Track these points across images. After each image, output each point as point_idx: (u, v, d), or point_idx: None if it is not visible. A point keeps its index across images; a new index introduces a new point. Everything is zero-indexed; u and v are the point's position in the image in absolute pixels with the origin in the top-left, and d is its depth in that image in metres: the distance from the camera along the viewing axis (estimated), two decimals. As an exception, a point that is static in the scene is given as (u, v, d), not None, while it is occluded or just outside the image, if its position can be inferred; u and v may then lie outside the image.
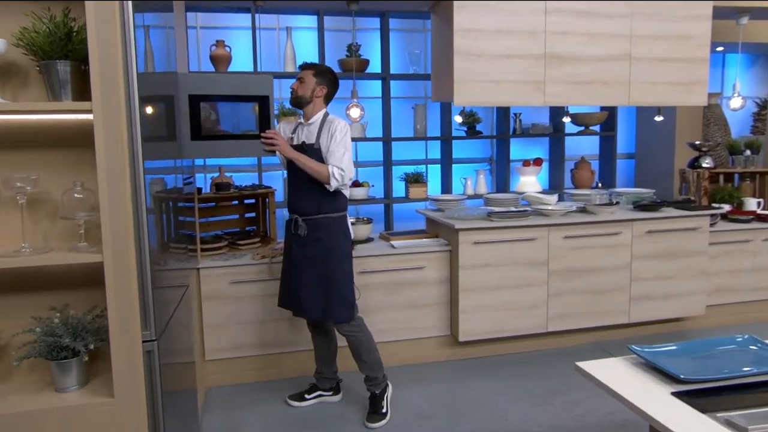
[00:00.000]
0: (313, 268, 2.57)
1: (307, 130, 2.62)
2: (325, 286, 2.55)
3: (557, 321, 3.33)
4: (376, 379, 2.69)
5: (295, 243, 2.60)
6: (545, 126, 4.53)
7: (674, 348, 1.37)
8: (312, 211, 2.57)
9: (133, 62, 1.51)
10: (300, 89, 2.59)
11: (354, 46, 4.17)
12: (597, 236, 3.33)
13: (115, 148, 1.41)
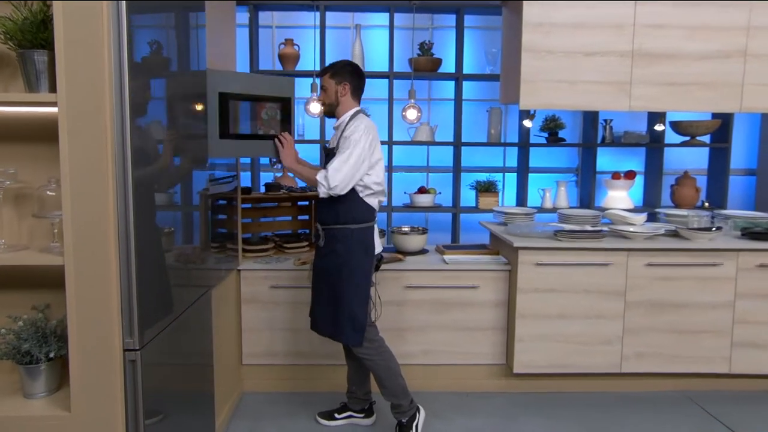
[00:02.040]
0: (325, 281, 2.40)
1: (335, 133, 2.47)
2: (334, 303, 2.36)
3: (634, 361, 2.85)
4: (400, 406, 2.46)
5: (317, 254, 2.46)
6: (641, 135, 3.98)
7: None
8: (330, 220, 2.39)
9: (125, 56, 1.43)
10: (325, 98, 2.44)
11: (426, 44, 3.94)
12: (689, 266, 2.80)
13: (87, 142, 1.32)
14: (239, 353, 2.90)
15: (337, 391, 2.88)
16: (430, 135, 3.99)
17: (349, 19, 4.20)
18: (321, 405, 2.79)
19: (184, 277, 1.95)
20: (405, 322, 2.90)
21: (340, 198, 2.32)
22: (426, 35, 4.21)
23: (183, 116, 1.91)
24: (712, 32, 2.81)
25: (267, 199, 3.20)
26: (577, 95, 2.85)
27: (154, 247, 1.67)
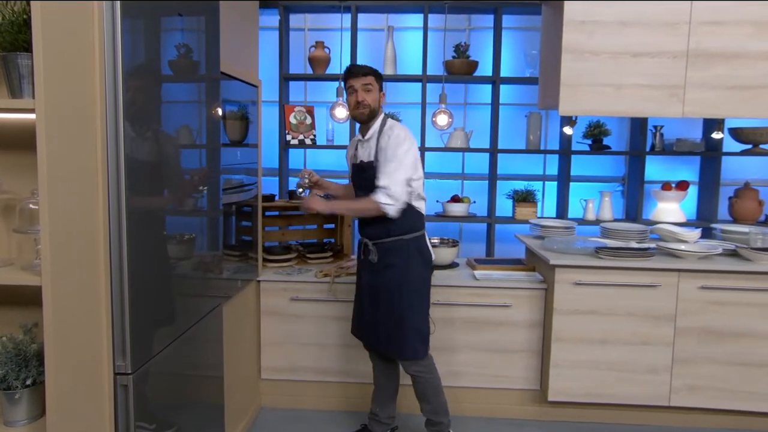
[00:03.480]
0: (386, 299, 2.25)
1: (367, 146, 2.30)
2: (399, 321, 2.24)
3: (685, 394, 2.58)
4: (440, 424, 2.34)
5: (366, 269, 2.32)
6: (695, 142, 3.66)
7: None
8: (382, 234, 2.25)
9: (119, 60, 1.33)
10: (370, 100, 2.23)
11: (462, 46, 3.76)
12: (750, 291, 2.50)
13: (71, 151, 1.22)
14: (258, 367, 2.80)
15: (359, 411, 2.73)
16: (465, 141, 3.80)
17: (382, 21, 4.06)
18: (341, 425, 2.65)
19: (190, 291, 1.85)
20: (432, 341, 2.72)
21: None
22: (462, 37, 4.02)
23: (188, 123, 1.81)
24: (781, 29, 2.51)
25: (291, 207, 3.09)
26: (623, 101, 2.61)
27: (153, 261, 1.57)
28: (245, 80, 2.44)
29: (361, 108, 2.23)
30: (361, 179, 2.30)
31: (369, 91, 2.22)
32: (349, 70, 2.27)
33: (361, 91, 2.21)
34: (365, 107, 2.23)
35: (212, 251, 2.03)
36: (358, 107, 2.23)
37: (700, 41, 2.55)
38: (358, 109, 2.24)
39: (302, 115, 3.77)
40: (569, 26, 2.58)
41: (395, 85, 4.02)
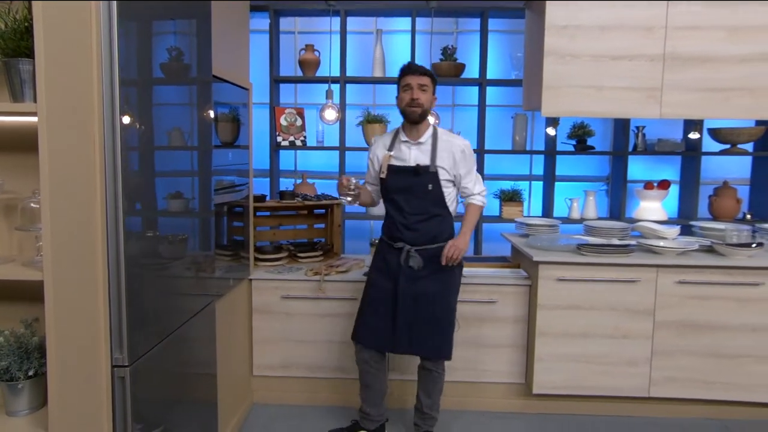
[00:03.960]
0: (430, 304, 2.28)
1: (418, 150, 2.29)
2: (443, 324, 2.31)
3: (663, 385, 2.67)
4: (433, 419, 2.46)
5: (405, 276, 2.29)
6: (676, 142, 3.77)
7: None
8: (427, 240, 2.29)
9: (115, 62, 1.39)
10: (425, 100, 2.23)
11: (449, 48, 3.84)
12: (725, 285, 2.60)
13: (70, 153, 1.28)
14: (250, 364, 2.85)
15: (349, 406, 2.80)
16: (452, 142, 3.87)
17: (371, 24, 4.13)
18: (332, 420, 2.71)
19: (183, 289, 1.91)
20: (419, 336, 2.79)
21: (440, 215, 2.30)
22: (450, 39, 4.11)
23: (181, 124, 1.87)
24: (754, 33, 2.61)
25: (282, 207, 3.15)
26: (604, 102, 2.70)
27: (148, 260, 1.63)
28: (236, 83, 2.50)
29: (414, 106, 2.22)
30: (408, 182, 2.27)
31: (424, 91, 2.23)
32: (409, 66, 2.28)
33: (417, 89, 2.21)
34: (418, 106, 2.22)
35: (204, 250, 2.09)
36: (411, 104, 2.22)
37: (676, 45, 2.65)
38: (411, 106, 2.22)
39: (293, 116, 3.84)
40: (551, 30, 2.67)
41: (384, 87, 4.10)
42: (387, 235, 2.38)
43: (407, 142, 2.30)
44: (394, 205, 2.31)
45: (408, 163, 2.28)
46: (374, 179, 2.42)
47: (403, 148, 2.30)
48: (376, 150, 2.40)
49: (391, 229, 2.34)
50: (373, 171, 2.42)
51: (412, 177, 2.26)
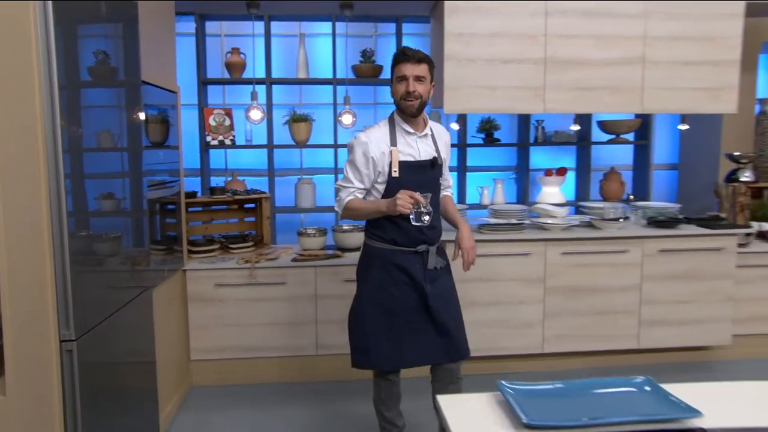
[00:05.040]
0: (448, 303, 2.16)
1: (425, 143, 2.12)
2: (460, 321, 2.21)
3: (554, 342, 3.11)
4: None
5: (430, 279, 2.11)
6: (569, 134, 4.27)
7: (553, 387, 1.22)
8: (437, 236, 2.16)
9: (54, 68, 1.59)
10: (422, 91, 2.01)
11: (368, 51, 4.15)
12: (600, 254, 3.08)
13: (16, 153, 1.48)
14: (187, 349, 3.05)
15: (286, 381, 3.08)
16: (374, 138, 4.19)
17: (295, 28, 4.38)
18: (265, 395, 2.96)
19: (121, 276, 2.10)
20: (345, 314, 3.09)
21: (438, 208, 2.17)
22: (370, 42, 4.43)
23: (111, 126, 2.06)
24: (615, 41, 3.09)
25: (213, 203, 3.36)
26: (497, 100, 3.10)
27: (90, 247, 1.83)
28: (164, 87, 2.68)
29: (410, 99, 2.00)
30: (425, 177, 2.05)
31: (421, 81, 2.01)
32: (403, 52, 2.01)
33: (413, 81, 1.99)
34: (415, 99, 2.00)
35: (138, 243, 2.28)
36: (408, 98, 1.99)
37: (555, 51, 3.08)
38: (407, 100, 2.00)
39: (221, 117, 4.02)
40: (449, 37, 3.04)
41: (309, 87, 4.36)
42: (402, 240, 2.07)
43: (413, 134, 2.08)
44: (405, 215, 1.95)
45: (420, 156, 2.07)
46: (367, 183, 2.09)
47: (410, 141, 2.08)
48: (372, 149, 2.04)
49: (408, 233, 2.05)
50: (372, 173, 2.07)
51: (429, 171, 2.07)
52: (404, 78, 2.00)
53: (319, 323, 3.08)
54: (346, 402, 2.90)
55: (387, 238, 2.09)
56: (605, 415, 1.07)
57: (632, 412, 1.09)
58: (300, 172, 4.46)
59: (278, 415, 2.79)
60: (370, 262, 2.15)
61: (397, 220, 2.04)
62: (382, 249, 2.11)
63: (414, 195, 1.87)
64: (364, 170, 2.07)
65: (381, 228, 2.10)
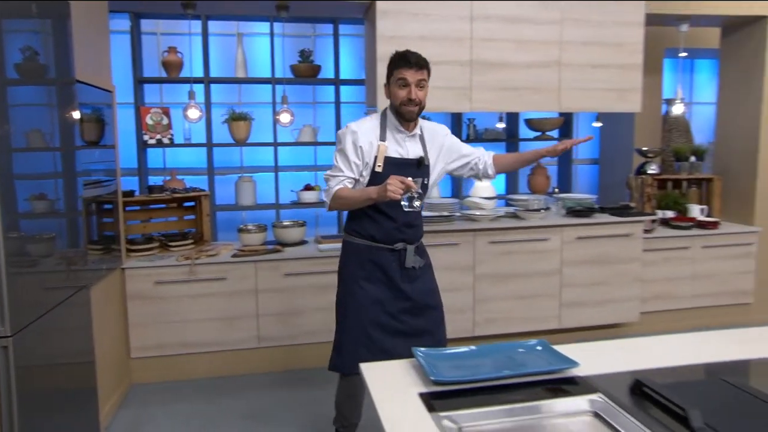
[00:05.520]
0: (431, 300, 2.19)
1: (414, 142, 2.13)
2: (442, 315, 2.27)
3: (484, 325, 3.34)
4: None
5: (408, 277, 2.11)
6: (498, 131, 4.53)
7: (461, 351, 1.40)
8: (421, 235, 2.19)
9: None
10: (424, 97, 2.05)
11: (306, 51, 4.25)
12: (524, 242, 3.33)
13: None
14: (127, 347, 3.06)
15: (227, 375, 3.14)
16: (314, 136, 4.30)
17: (233, 27, 4.42)
18: (205, 390, 3.02)
19: (57, 275, 2.12)
20: (286, 306, 3.20)
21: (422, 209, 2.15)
22: (309, 43, 4.53)
23: (43, 126, 2.07)
24: (534, 45, 3.34)
25: (151, 201, 3.37)
26: (427, 99, 3.27)
27: (24, 248, 1.85)
28: (99, 86, 2.69)
29: (411, 106, 2.01)
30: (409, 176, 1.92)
31: (422, 87, 2.02)
32: (405, 57, 2.00)
33: (415, 87, 2.00)
34: (416, 105, 2.02)
35: (73, 241, 2.28)
36: (409, 104, 2.01)
37: (480, 54, 3.30)
38: (408, 106, 2.01)
39: (159, 116, 4.02)
40: (381, 40, 3.19)
41: (248, 86, 4.41)
42: (380, 237, 2.07)
43: (403, 133, 2.09)
44: (393, 202, 1.91)
45: (407, 155, 2.09)
46: (356, 173, 2.07)
47: (399, 140, 2.09)
48: (361, 139, 2.05)
49: (385, 230, 2.07)
50: (358, 163, 2.06)
51: (415, 170, 2.06)
52: (406, 84, 1.99)
53: (260, 317, 3.17)
54: (288, 391, 3.00)
55: (365, 233, 2.10)
56: (503, 371, 1.25)
57: (523, 366, 1.28)
58: (240, 170, 4.50)
59: (220, 405, 2.86)
60: (348, 257, 2.16)
61: (377, 216, 2.06)
62: (360, 245, 2.11)
63: (405, 180, 1.82)
64: (354, 158, 2.05)
65: (360, 224, 2.11)
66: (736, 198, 3.94)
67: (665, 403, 1.11)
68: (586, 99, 3.44)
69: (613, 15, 3.40)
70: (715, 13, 3.61)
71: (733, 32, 3.96)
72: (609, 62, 3.43)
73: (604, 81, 3.45)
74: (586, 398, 1.17)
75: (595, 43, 3.41)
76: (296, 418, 2.71)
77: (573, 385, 1.22)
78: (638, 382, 1.18)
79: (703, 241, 3.63)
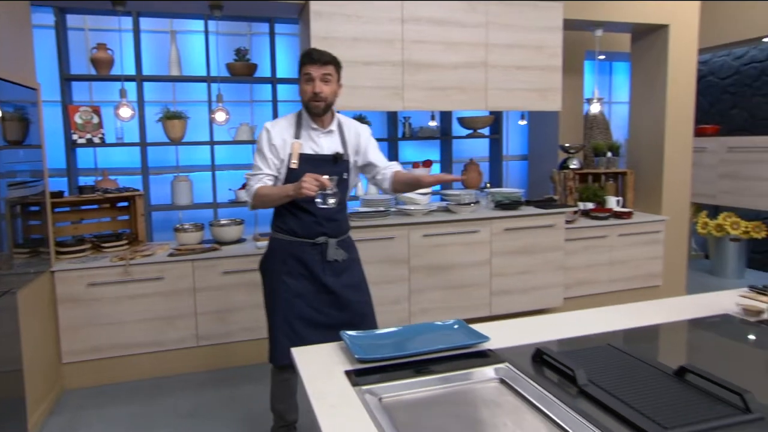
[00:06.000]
0: (357, 292, 2.23)
1: (329, 138, 2.18)
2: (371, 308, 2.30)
3: (419, 315, 3.48)
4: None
5: (332, 271, 2.16)
6: (433, 129, 4.71)
7: (387, 332, 1.51)
8: (342, 230, 2.21)
9: None
10: (328, 92, 2.08)
11: (242, 50, 4.25)
12: (456, 234, 3.50)
13: None
14: (57, 353, 2.99)
15: (165, 375, 3.12)
16: (251, 134, 4.31)
17: (166, 24, 4.35)
18: (142, 392, 3.00)
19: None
20: (224, 304, 3.22)
21: (346, 203, 2.22)
22: (245, 41, 4.52)
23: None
24: (462, 47, 3.52)
25: (82, 202, 3.29)
26: (361, 98, 3.39)
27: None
28: (21, 83, 2.61)
29: (316, 100, 2.06)
30: (326, 171, 2.00)
31: (327, 82, 2.07)
32: (310, 54, 2.07)
33: (319, 81, 2.04)
34: (321, 100, 2.07)
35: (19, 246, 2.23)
36: (315, 98, 2.06)
37: (411, 55, 3.44)
38: (314, 100, 2.07)
39: (88, 114, 3.91)
40: (315, 40, 3.26)
41: (183, 85, 4.36)
42: (301, 232, 2.13)
43: (317, 129, 2.15)
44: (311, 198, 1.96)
45: (322, 151, 2.14)
46: (274, 170, 2.14)
47: (314, 136, 2.15)
48: (275, 137, 2.13)
49: (306, 224, 2.12)
50: (275, 160, 2.13)
51: (330, 166, 2.12)
52: (311, 79, 2.05)
53: (199, 315, 3.17)
54: (228, 388, 3.03)
55: (287, 229, 2.15)
56: (421, 347, 1.37)
57: (440, 343, 1.40)
58: (176, 169, 4.44)
59: (159, 406, 2.85)
60: (271, 253, 2.21)
61: (297, 211, 2.11)
62: (282, 240, 2.16)
63: (319, 177, 1.89)
64: (270, 156, 2.12)
65: (282, 220, 2.17)
66: (646, 190, 4.30)
67: (559, 367, 1.26)
68: (510, 98, 3.65)
69: (534, 20, 3.63)
70: (624, 20, 3.92)
71: (641, 38, 4.31)
72: (531, 64, 3.66)
73: (527, 81, 3.67)
74: (494, 367, 1.31)
75: (518, 45, 3.62)
76: (236, 415, 2.75)
77: (484, 358, 1.36)
78: (539, 351, 1.33)
79: (619, 230, 3.94)
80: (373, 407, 1.12)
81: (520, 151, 5.41)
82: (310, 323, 2.14)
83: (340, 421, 1.07)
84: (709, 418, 1.01)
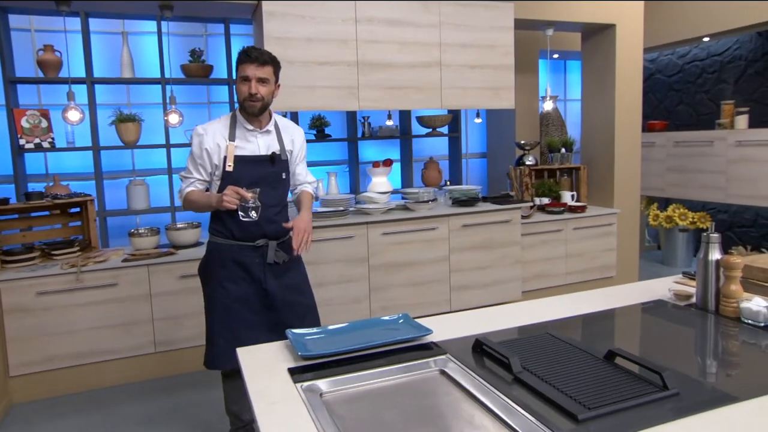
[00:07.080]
0: (301, 294, 2.22)
1: (266, 138, 2.15)
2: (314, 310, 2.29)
3: (380, 313, 3.51)
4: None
5: (273, 274, 2.14)
6: (392, 128, 4.74)
7: (333, 329, 1.52)
8: (281, 232, 2.17)
9: None
10: (264, 92, 2.05)
11: (197, 51, 4.20)
12: (414, 232, 3.54)
13: None
14: (5, 365, 2.89)
15: (124, 383, 3.06)
16: (208, 137, 4.26)
17: (117, 26, 4.25)
18: (96, 402, 2.93)
19: None
20: (182, 309, 3.17)
21: (287, 204, 2.18)
22: (200, 42, 4.46)
23: None
24: (416, 47, 3.56)
25: (29, 209, 3.19)
26: (316, 98, 3.39)
27: None
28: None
29: (253, 101, 2.03)
30: (263, 172, 2.06)
31: (265, 83, 2.04)
32: (247, 53, 2.03)
33: (256, 82, 2.02)
34: (257, 101, 2.04)
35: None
36: (251, 99, 2.03)
37: (365, 55, 3.46)
38: (250, 101, 2.03)
39: (36, 118, 3.79)
40: (269, 40, 3.25)
41: (137, 87, 4.27)
42: (240, 235, 2.11)
43: (253, 130, 2.12)
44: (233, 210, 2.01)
45: (259, 151, 2.11)
46: (205, 175, 2.14)
47: (249, 137, 2.12)
48: (207, 141, 2.09)
49: (245, 227, 2.08)
50: (208, 164, 2.11)
51: (267, 166, 2.11)
52: (247, 79, 2.02)
53: (156, 321, 3.12)
54: (186, 394, 2.99)
55: (226, 232, 2.12)
56: (367, 342, 1.39)
57: (384, 337, 1.43)
58: (132, 173, 4.35)
59: (115, 415, 2.79)
60: (210, 257, 2.18)
61: (235, 214, 2.05)
62: (221, 244, 2.13)
63: (239, 191, 1.91)
64: (200, 161, 2.10)
65: (221, 223, 2.14)
66: (599, 184, 4.44)
67: (497, 356, 1.30)
68: (465, 97, 3.71)
69: (486, 20, 3.70)
70: (573, 20, 4.04)
71: (590, 37, 4.44)
72: (484, 63, 3.73)
73: (481, 80, 3.74)
74: (435, 359, 1.34)
75: (471, 45, 3.69)
76: (196, 420, 2.72)
77: (426, 350, 1.39)
78: (478, 342, 1.37)
79: (573, 224, 4.05)
80: (313, 403, 1.13)
81: (480, 149, 5.50)
82: (250, 326, 2.12)
83: (279, 418, 1.08)
84: (630, 397, 1.07)
